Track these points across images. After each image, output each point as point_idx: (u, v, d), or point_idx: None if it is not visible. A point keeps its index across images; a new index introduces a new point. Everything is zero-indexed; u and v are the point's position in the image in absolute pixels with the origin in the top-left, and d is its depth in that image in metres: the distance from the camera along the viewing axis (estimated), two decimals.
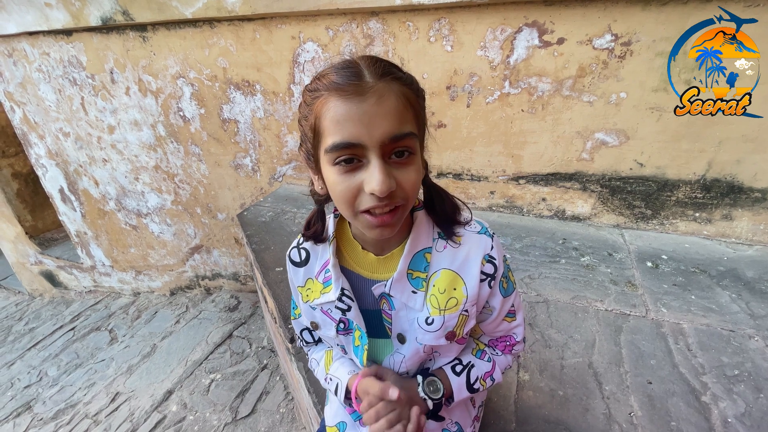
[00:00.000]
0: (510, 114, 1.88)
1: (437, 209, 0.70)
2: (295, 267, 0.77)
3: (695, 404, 1.08)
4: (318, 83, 0.55)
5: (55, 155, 3.31)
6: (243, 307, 3.25)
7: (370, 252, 0.70)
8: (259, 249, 1.94)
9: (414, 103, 0.56)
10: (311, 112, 0.56)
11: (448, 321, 0.68)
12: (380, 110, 0.51)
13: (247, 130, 2.54)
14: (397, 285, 0.68)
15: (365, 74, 0.52)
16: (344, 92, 0.51)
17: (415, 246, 0.67)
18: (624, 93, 1.67)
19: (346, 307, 0.70)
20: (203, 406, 2.28)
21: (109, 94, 2.78)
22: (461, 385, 0.75)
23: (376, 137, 0.51)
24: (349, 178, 0.54)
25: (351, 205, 0.56)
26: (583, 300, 1.51)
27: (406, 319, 0.70)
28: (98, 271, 4.01)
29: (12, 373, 3.12)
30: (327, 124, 0.53)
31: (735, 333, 1.32)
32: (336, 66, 0.55)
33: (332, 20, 1.98)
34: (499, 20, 1.70)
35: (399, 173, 0.55)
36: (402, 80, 0.55)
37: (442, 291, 0.67)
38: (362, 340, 0.71)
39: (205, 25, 2.25)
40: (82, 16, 2.46)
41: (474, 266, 0.67)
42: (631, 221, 1.93)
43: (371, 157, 0.53)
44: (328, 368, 0.83)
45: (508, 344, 0.81)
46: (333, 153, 0.53)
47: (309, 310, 0.77)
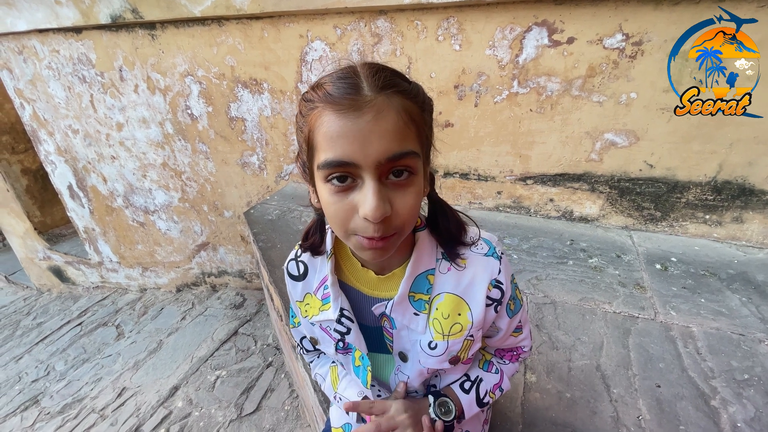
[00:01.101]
0: (518, 114, 1.87)
1: (441, 228, 0.66)
2: (293, 281, 0.74)
3: (704, 408, 1.07)
4: (314, 94, 0.51)
5: (64, 152, 3.34)
6: (248, 304, 3.27)
7: (371, 270, 0.67)
8: (265, 247, 1.94)
9: (417, 119, 0.51)
10: (306, 123, 0.52)
11: (452, 346, 0.65)
12: (377, 128, 0.47)
13: (255, 129, 2.54)
14: (398, 308, 0.64)
15: (363, 86, 0.48)
16: (339, 106, 0.47)
17: (416, 269, 0.64)
18: (634, 93, 1.66)
19: (346, 330, 0.67)
20: (208, 403, 2.30)
21: (117, 91, 2.80)
22: (471, 401, 0.73)
23: (371, 157, 0.47)
24: (342, 198, 0.50)
25: (343, 227, 0.52)
26: (591, 302, 1.50)
27: (407, 339, 0.68)
28: (105, 267, 4.05)
29: (20, 367, 3.15)
30: (320, 139, 0.49)
31: (745, 337, 1.30)
32: (334, 75, 0.51)
33: (340, 19, 1.98)
34: (509, 19, 1.69)
35: (396, 197, 0.50)
36: (405, 93, 0.51)
37: (446, 316, 0.64)
38: (363, 361, 0.69)
39: (214, 23, 2.26)
40: (92, 13, 2.47)
41: (479, 292, 0.64)
42: (640, 223, 1.91)
43: (366, 178, 0.48)
44: (336, 386, 0.82)
45: (515, 354, 0.80)
46: (325, 170, 0.49)
47: (308, 326, 0.74)
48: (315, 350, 0.88)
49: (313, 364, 0.90)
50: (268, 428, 2.08)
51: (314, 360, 0.91)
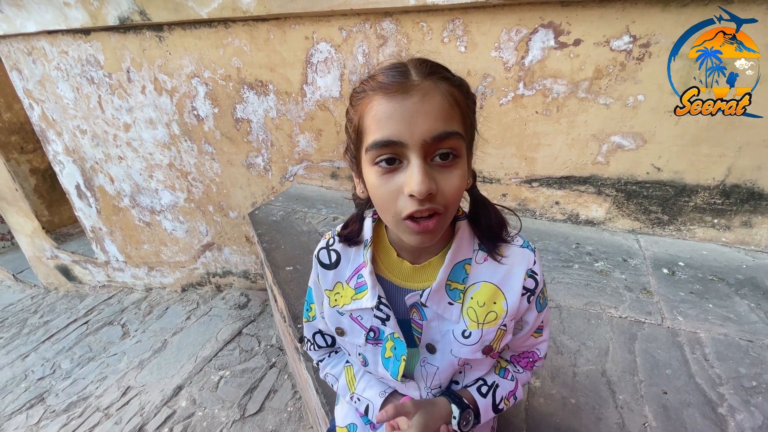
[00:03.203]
0: (524, 116, 1.86)
1: (482, 223, 0.67)
2: (324, 269, 0.74)
3: (711, 416, 1.05)
4: (364, 85, 0.55)
5: (72, 152, 3.37)
6: (253, 304, 3.28)
7: (406, 260, 0.68)
8: (269, 248, 1.94)
9: (462, 104, 0.54)
10: (356, 113, 0.55)
11: (486, 335, 0.66)
12: (423, 108, 0.50)
13: (260, 130, 2.55)
14: (434, 296, 0.65)
15: (411, 73, 0.51)
16: (388, 90, 0.50)
17: (455, 257, 0.65)
18: (642, 95, 1.64)
19: (385, 316, 0.68)
20: (212, 403, 2.30)
21: (125, 92, 2.83)
22: (488, 406, 0.73)
23: (417, 135, 0.49)
24: (389, 180, 0.53)
25: (391, 210, 0.54)
26: (597, 306, 1.48)
27: (437, 330, 0.68)
28: (112, 267, 4.08)
29: (26, 365, 3.18)
30: (369, 123, 0.52)
31: (753, 343, 1.28)
32: (383, 67, 0.54)
33: (345, 21, 1.98)
34: (515, 21, 1.68)
35: (441, 177, 0.52)
36: (450, 81, 0.54)
37: (482, 304, 0.65)
38: (397, 351, 0.69)
39: (220, 25, 2.27)
40: (100, 15, 2.50)
41: (517, 281, 0.65)
42: (647, 226, 1.89)
43: (411, 157, 0.51)
44: (353, 387, 0.81)
45: (530, 360, 0.79)
46: (373, 151, 0.52)
47: (335, 315, 0.74)
48: (327, 347, 0.87)
49: (323, 364, 0.89)
50: (270, 429, 2.08)
51: (324, 359, 0.89)
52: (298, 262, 1.81)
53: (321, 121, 2.34)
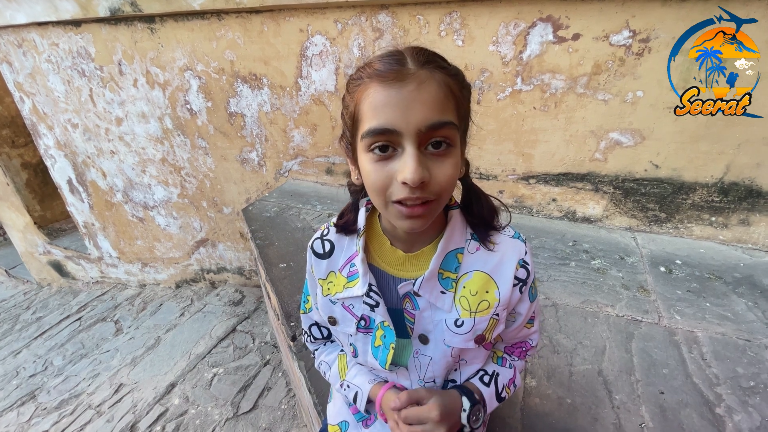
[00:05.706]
0: (521, 111, 1.83)
1: (474, 211, 0.69)
2: (317, 259, 0.75)
3: (709, 416, 1.04)
4: (361, 72, 0.55)
5: (63, 146, 3.32)
6: (247, 301, 3.25)
7: (399, 249, 0.68)
8: (263, 244, 1.92)
9: (456, 94, 0.54)
10: (352, 100, 0.56)
11: (478, 324, 0.66)
12: (419, 96, 0.50)
13: (254, 124, 2.52)
14: (426, 284, 0.65)
15: (407, 61, 0.52)
16: (385, 78, 0.51)
17: (448, 245, 0.66)
18: (641, 91, 1.62)
19: (374, 303, 0.68)
20: (205, 401, 2.28)
21: (117, 85, 2.78)
22: (492, 395, 0.73)
23: (412, 124, 0.50)
24: (383, 166, 0.53)
25: (382, 194, 0.55)
26: (594, 304, 1.46)
27: (430, 320, 0.68)
28: (105, 262, 4.04)
29: (18, 362, 3.14)
30: (365, 110, 0.53)
31: (751, 343, 1.27)
32: (380, 55, 0.54)
33: (341, 13, 1.94)
34: (513, 14, 1.66)
35: (434, 165, 0.53)
36: (446, 70, 0.54)
37: (474, 293, 0.66)
38: (387, 339, 0.69)
39: (213, 17, 2.23)
40: (91, 6, 2.45)
41: (508, 270, 0.66)
42: (644, 224, 1.88)
43: (406, 145, 0.51)
44: (344, 374, 0.81)
45: (523, 350, 0.80)
46: (368, 138, 0.52)
47: (328, 304, 0.74)
48: (323, 338, 0.88)
49: (318, 352, 0.90)
50: (264, 427, 2.06)
51: (319, 348, 0.90)
52: (292, 259, 1.79)
53: (316, 116, 2.31)
